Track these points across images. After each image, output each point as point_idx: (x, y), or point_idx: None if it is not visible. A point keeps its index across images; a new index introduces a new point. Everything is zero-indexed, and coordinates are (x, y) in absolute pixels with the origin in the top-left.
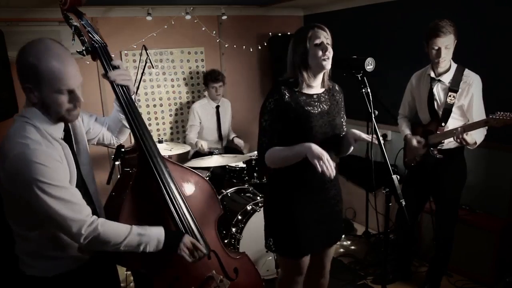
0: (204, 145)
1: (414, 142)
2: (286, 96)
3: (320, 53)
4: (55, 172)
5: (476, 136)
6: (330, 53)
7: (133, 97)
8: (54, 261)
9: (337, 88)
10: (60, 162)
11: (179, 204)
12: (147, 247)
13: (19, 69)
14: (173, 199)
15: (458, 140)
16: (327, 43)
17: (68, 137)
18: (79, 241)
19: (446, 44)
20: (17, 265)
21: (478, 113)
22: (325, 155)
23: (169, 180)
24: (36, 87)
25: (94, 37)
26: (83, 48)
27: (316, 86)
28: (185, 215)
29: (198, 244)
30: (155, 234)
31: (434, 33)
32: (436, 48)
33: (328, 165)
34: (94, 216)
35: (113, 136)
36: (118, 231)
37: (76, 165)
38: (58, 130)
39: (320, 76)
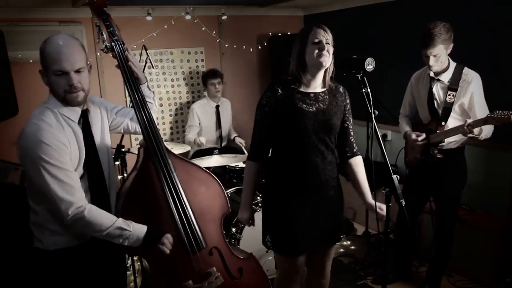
0: (203, 140)
1: (413, 136)
2: (279, 93)
3: (316, 51)
4: (57, 153)
5: (484, 128)
6: (328, 51)
7: (144, 86)
8: (55, 236)
9: (341, 90)
10: (65, 145)
11: (180, 198)
12: (125, 241)
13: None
14: (173, 192)
15: (469, 135)
16: (326, 42)
17: (86, 125)
18: (66, 220)
19: (434, 53)
20: (31, 237)
21: (482, 111)
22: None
23: (171, 172)
24: (44, 69)
25: (113, 37)
26: (103, 46)
27: (315, 85)
28: (185, 209)
29: (169, 245)
30: (136, 232)
31: (422, 43)
32: (425, 56)
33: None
34: (85, 201)
35: (138, 125)
36: (102, 220)
37: (92, 149)
38: (73, 114)
39: (320, 75)
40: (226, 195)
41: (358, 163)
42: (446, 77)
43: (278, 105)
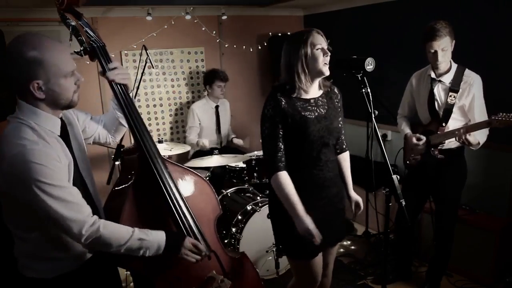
0: (206, 142)
1: (414, 139)
2: (283, 103)
3: (322, 57)
4: (53, 172)
5: (479, 137)
6: (328, 58)
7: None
8: (53, 262)
9: (335, 90)
10: (58, 161)
11: (180, 205)
12: (147, 251)
13: (20, 70)
14: (174, 200)
15: (461, 141)
16: (327, 48)
17: (65, 135)
18: (81, 241)
19: (442, 46)
20: (16, 268)
21: (480, 113)
22: (312, 233)
23: (169, 180)
24: (44, 79)
25: (92, 37)
26: (81, 49)
27: (313, 90)
28: (186, 216)
29: (199, 245)
30: (155, 239)
31: (429, 37)
32: (432, 51)
33: (314, 239)
34: (95, 217)
35: (109, 134)
36: (120, 234)
37: (74, 163)
38: (54, 125)
39: (317, 81)
40: (216, 196)
41: (345, 158)
42: (447, 78)
43: (284, 115)
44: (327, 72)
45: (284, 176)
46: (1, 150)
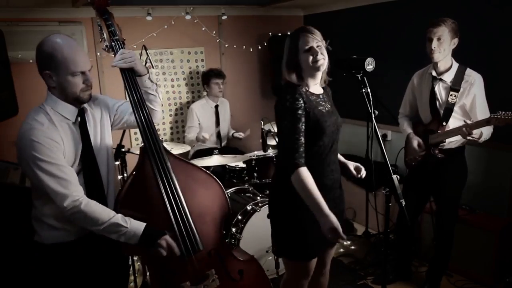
0: (206, 135)
1: (415, 143)
2: (304, 96)
3: (311, 58)
4: (49, 150)
5: (484, 130)
6: (322, 54)
7: (145, 77)
8: (54, 230)
9: (328, 87)
10: (58, 143)
11: (176, 198)
12: (121, 237)
13: (38, 58)
14: (170, 193)
15: (468, 138)
16: (317, 46)
17: (83, 123)
18: (64, 213)
19: (438, 35)
20: (32, 233)
21: (482, 112)
22: (338, 233)
23: (168, 173)
24: (54, 72)
25: (114, 36)
26: (104, 46)
27: (317, 87)
28: (182, 210)
29: (175, 248)
30: (133, 229)
31: (429, 24)
32: (429, 39)
33: (341, 236)
34: (82, 195)
35: None
36: (98, 215)
37: (88, 146)
38: (70, 113)
39: (318, 76)
40: (226, 196)
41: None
42: (448, 77)
43: (305, 108)
44: (321, 68)
45: (306, 173)
46: (19, 128)
